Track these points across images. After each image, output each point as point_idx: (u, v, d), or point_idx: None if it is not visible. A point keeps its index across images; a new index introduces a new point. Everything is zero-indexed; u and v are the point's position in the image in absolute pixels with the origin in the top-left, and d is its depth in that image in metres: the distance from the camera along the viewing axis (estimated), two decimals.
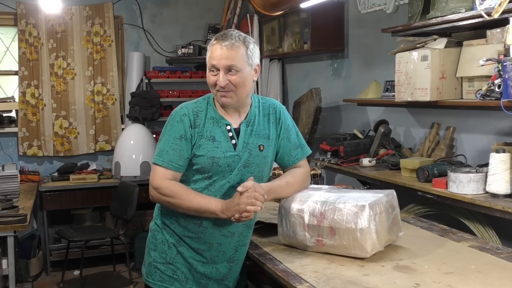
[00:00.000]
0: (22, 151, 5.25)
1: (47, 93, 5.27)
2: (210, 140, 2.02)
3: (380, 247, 1.92)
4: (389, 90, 3.27)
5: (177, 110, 2.07)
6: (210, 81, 2.02)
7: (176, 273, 2.09)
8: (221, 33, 2.02)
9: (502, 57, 2.35)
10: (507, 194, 2.31)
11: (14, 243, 3.48)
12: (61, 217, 5.18)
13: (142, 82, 5.42)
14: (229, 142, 2.04)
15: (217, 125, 2.05)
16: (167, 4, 5.71)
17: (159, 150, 2.04)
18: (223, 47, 1.96)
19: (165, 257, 2.10)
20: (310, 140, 3.99)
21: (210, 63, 2.00)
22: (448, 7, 2.64)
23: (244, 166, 2.04)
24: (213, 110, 2.06)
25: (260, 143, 2.08)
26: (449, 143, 2.98)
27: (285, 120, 2.16)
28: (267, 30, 4.94)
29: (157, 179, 2.01)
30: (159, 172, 2.02)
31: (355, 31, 3.99)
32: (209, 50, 2.02)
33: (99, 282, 4.81)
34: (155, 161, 2.03)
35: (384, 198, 1.99)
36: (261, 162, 2.08)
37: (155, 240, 2.13)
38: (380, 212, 1.92)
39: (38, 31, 5.22)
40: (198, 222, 2.04)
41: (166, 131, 2.05)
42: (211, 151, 2.01)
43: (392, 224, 2.00)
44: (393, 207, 2.03)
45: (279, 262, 1.97)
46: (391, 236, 2.01)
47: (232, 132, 2.05)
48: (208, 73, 2.02)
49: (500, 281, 1.73)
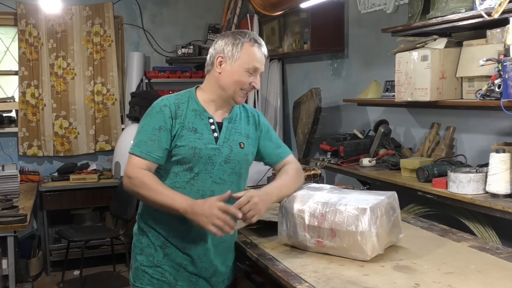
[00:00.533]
0: (22, 151, 5.25)
1: (47, 93, 5.27)
2: (192, 131, 2.04)
3: (381, 250, 1.92)
4: (389, 90, 3.27)
5: (158, 101, 2.07)
6: (245, 81, 2.03)
7: (164, 275, 2.08)
8: (255, 36, 2.06)
9: (502, 57, 2.35)
10: (507, 194, 2.31)
11: (14, 243, 3.48)
12: (61, 217, 5.18)
13: (142, 82, 5.42)
14: (211, 134, 2.07)
15: (200, 117, 2.07)
16: (167, 4, 5.71)
17: (138, 140, 2.02)
18: (263, 53, 2.06)
19: (152, 260, 2.09)
20: (310, 140, 3.99)
21: (252, 65, 2.02)
22: (448, 7, 2.64)
23: (225, 162, 2.07)
24: (195, 103, 2.09)
25: (240, 141, 2.12)
26: (449, 143, 2.98)
27: (264, 123, 2.25)
28: (267, 30, 4.94)
29: (132, 169, 1.98)
30: (135, 162, 1.99)
31: (355, 31, 3.99)
32: (247, 49, 2.02)
33: (99, 282, 4.81)
34: (132, 151, 2.01)
35: (385, 200, 1.97)
36: (242, 159, 2.12)
37: (141, 244, 2.12)
38: (381, 215, 1.91)
39: (38, 31, 5.22)
40: (182, 219, 1.98)
41: (145, 122, 2.04)
42: (193, 141, 2.02)
43: (392, 226, 1.99)
44: (394, 209, 2.01)
45: (279, 262, 1.97)
46: (392, 238, 2.01)
47: (214, 126, 2.08)
48: (244, 73, 2.02)
49: (500, 281, 1.73)
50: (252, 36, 2.05)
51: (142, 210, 2.14)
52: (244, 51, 2.02)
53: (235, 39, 2.03)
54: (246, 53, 2.02)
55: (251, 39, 2.03)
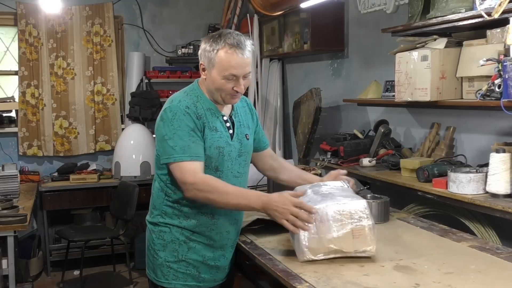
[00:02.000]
0: (22, 151, 5.25)
1: (47, 93, 5.27)
2: (213, 130, 2.05)
3: (313, 256, 1.87)
4: (389, 90, 3.27)
5: (176, 104, 2.03)
6: (226, 88, 2.00)
7: (188, 269, 2.11)
8: (230, 39, 1.96)
9: (502, 57, 2.35)
10: (507, 194, 2.31)
11: (14, 243, 3.48)
12: (61, 217, 5.18)
13: (142, 82, 5.42)
14: (227, 132, 2.10)
15: (215, 116, 2.08)
16: (167, 4, 5.71)
17: (180, 146, 1.96)
18: (242, 56, 1.97)
19: (176, 255, 2.10)
20: (310, 140, 3.99)
21: (229, 72, 1.97)
22: (448, 7, 2.64)
23: (239, 156, 2.13)
24: (207, 102, 2.09)
25: (246, 133, 2.18)
26: (449, 143, 2.98)
27: (255, 110, 2.32)
28: (267, 30, 4.94)
29: (190, 175, 1.94)
30: (190, 167, 1.95)
31: (355, 31, 3.99)
32: (220, 56, 1.96)
33: (99, 282, 4.81)
34: (180, 159, 1.95)
35: (335, 207, 1.87)
36: (249, 150, 2.20)
37: (163, 241, 2.11)
38: (321, 221, 1.85)
39: (38, 31, 5.22)
40: (210, 215, 2.08)
41: (176, 127, 1.98)
42: (216, 141, 2.05)
43: (346, 237, 1.86)
44: (355, 218, 1.86)
45: (279, 262, 1.97)
46: (342, 249, 1.88)
47: (229, 122, 2.12)
48: (221, 80, 1.99)
49: (500, 281, 1.73)
50: (228, 41, 1.96)
51: (164, 208, 2.12)
52: (218, 58, 1.97)
53: (210, 45, 1.99)
54: (220, 60, 1.97)
55: (226, 44, 1.95)
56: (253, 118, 2.27)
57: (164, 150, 2.00)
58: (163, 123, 2.02)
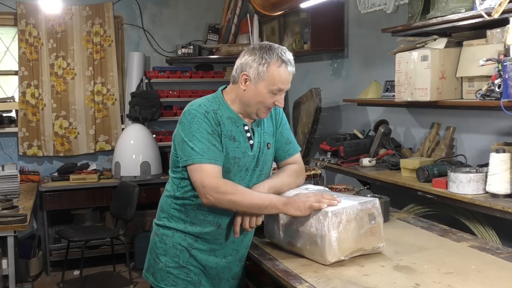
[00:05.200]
0: (22, 151, 5.25)
1: (47, 93, 5.27)
2: (231, 139, 2.00)
3: (343, 256, 1.88)
4: (389, 90, 3.27)
5: (195, 108, 1.99)
6: (267, 101, 1.98)
7: (189, 276, 2.08)
8: (284, 55, 1.96)
9: (502, 57, 2.35)
10: (507, 194, 2.31)
11: (14, 243, 3.48)
12: (61, 217, 5.18)
13: (142, 82, 5.42)
14: (247, 142, 2.04)
15: (235, 125, 2.03)
16: (167, 4, 5.70)
17: (199, 149, 1.92)
18: (290, 72, 1.98)
19: (177, 261, 2.08)
20: (310, 140, 3.99)
21: (277, 86, 1.96)
22: (448, 7, 2.64)
23: (256, 166, 2.06)
24: (229, 110, 2.03)
25: (268, 141, 2.11)
26: (449, 143, 2.98)
27: (282, 115, 2.20)
28: (267, 30, 4.94)
29: (212, 178, 1.90)
30: (210, 170, 1.91)
31: (355, 31, 3.99)
32: (272, 70, 1.94)
33: (99, 282, 4.81)
34: (200, 160, 1.91)
35: (358, 206, 1.90)
36: (268, 160, 2.12)
37: (165, 245, 2.09)
38: (347, 220, 1.86)
39: (38, 31, 5.22)
40: (216, 224, 2.03)
41: (195, 130, 1.94)
42: (233, 151, 2.00)
43: (367, 234, 1.91)
44: (372, 216, 1.92)
45: (279, 262, 1.97)
46: (364, 246, 1.92)
47: (250, 133, 2.06)
48: (267, 94, 1.97)
49: (500, 281, 1.73)
50: (280, 55, 1.95)
51: (172, 212, 2.09)
52: (269, 72, 1.94)
53: (261, 58, 1.95)
54: (271, 74, 1.94)
55: (278, 59, 1.94)
56: (274, 124, 2.16)
57: (184, 152, 1.96)
58: (182, 126, 2.00)
